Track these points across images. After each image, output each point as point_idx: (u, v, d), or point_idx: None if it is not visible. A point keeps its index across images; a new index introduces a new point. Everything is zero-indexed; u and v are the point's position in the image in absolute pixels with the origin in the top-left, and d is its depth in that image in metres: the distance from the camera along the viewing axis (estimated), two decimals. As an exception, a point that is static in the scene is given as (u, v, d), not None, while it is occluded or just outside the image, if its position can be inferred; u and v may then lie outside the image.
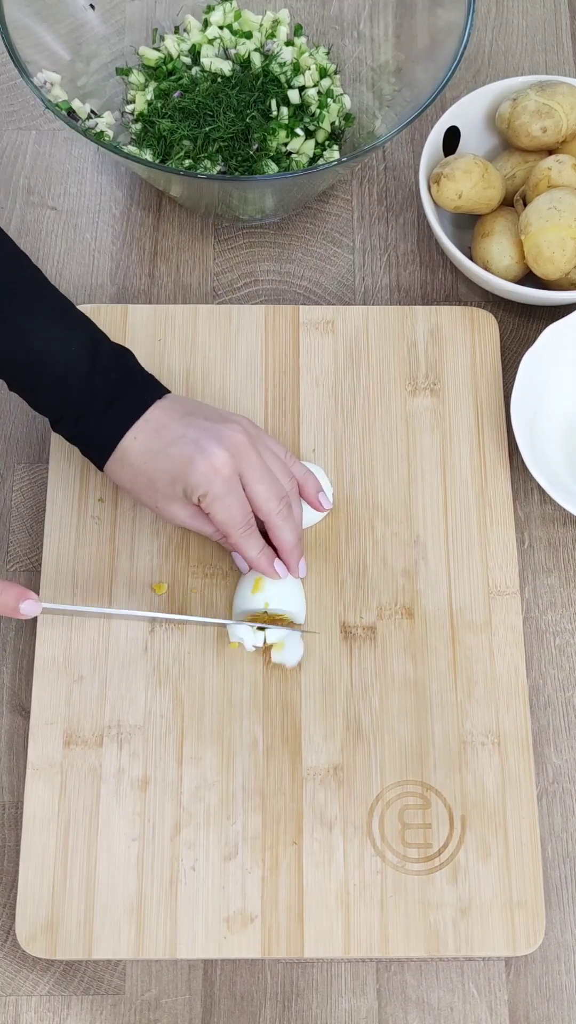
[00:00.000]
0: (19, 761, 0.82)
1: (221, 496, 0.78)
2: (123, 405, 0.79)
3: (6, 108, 1.05)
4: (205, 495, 0.77)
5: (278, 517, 0.81)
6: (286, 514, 0.81)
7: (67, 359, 0.78)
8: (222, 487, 0.77)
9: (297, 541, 0.82)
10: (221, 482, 0.77)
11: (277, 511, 0.80)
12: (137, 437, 0.79)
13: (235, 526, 0.79)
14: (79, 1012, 0.76)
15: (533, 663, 0.85)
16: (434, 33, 0.95)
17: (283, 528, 0.81)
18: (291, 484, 0.82)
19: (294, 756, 0.80)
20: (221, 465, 0.77)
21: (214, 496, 0.77)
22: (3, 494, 0.90)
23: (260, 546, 0.81)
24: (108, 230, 1.00)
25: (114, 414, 0.79)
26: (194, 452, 0.77)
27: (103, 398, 0.79)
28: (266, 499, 0.80)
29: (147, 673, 0.82)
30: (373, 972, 0.77)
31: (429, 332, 0.93)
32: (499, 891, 0.76)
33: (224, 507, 0.78)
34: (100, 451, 0.80)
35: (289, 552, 0.82)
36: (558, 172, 0.90)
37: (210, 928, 0.76)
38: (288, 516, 0.81)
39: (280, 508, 0.80)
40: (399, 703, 0.81)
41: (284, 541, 0.81)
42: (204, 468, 0.77)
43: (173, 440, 0.78)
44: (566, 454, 0.90)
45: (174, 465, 0.78)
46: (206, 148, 0.97)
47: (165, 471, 0.78)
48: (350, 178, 1.02)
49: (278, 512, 0.80)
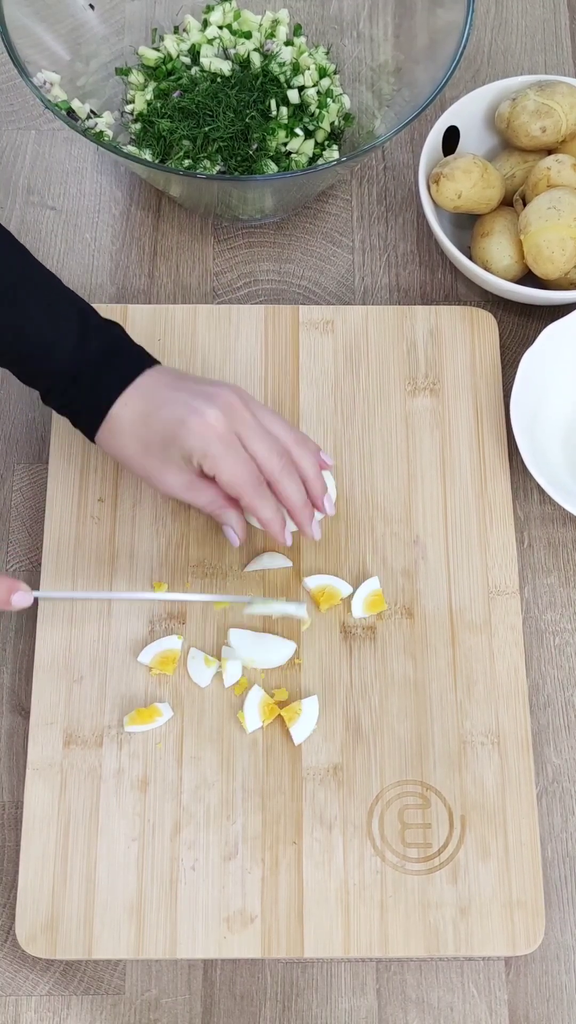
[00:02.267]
0: (19, 761, 0.82)
1: (222, 454, 0.75)
2: (113, 373, 0.78)
3: (6, 108, 1.05)
4: (205, 455, 0.75)
5: (282, 474, 0.77)
6: (290, 470, 0.78)
7: (56, 329, 0.78)
8: (220, 445, 0.75)
9: (305, 500, 0.79)
10: (218, 440, 0.75)
11: (280, 467, 0.77)
12: (128, 403, 0.77)
13: (244, 484, 0.76)
14: (79, 1012, 0.76)
15: (533, 663, 0.85)
16: (434, 33, 0.95)
17: (288, 486, 0.78)
18: (292, 436, 0.79)
19: (294, 756, 0.80)
20: (214, 422, 0.75)
21: (215, 455, 0.75)
22: (3, 494, 0.90)
23: (275, 506, 0.78)
24: (108, 230, 1.00)
25: (104, 381, 0.78)
26: (185, 412, 0.75)
27: (93, 365, 0.78)
28: (267, 456, 0.77)
29: (147, 673, 0.82)
30: (373, 972, 0.77)
31: (429, 332, 0.93)
32: (499, 891, 0.76)
33: (228, 466, 0.75)
34: (91, 420, 0.79)
35: (299, 511, 0.79)
36: (558, 172, 0.90)
37: (210, 928, 0.76)
38: (292, 473, 0.78)
39: (283, 464, 0.77)
40: (399, 703, 0.81)
41: (291, 499, 0.78)
42: (197, 427, 0.75)
43: (163, 403, 0.77)
44: (566, 454, 0.90)
45: (166, 427, 0.76)
46: (206, 148, 0.97)
47: (157, 434, 0.76)
48: (350, 178, 1.02)
49: (281, 469, 0.77)
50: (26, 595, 0.73)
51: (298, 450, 0.79)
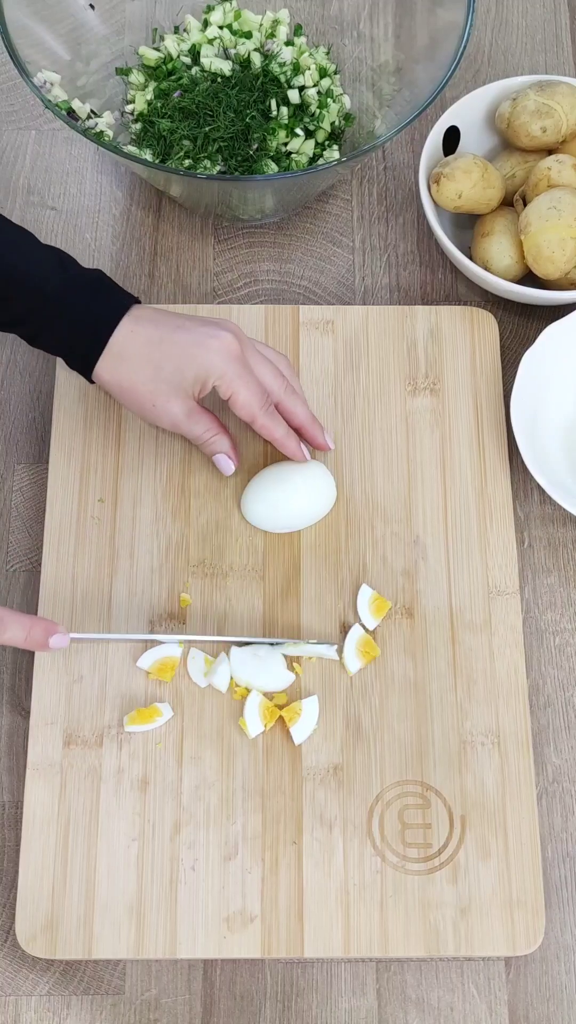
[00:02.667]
0: (19, 761, 0.82)
1: (241, 375, 0.78)
2: (104, 303, 0.79)
3: (6, 108, 1.05)
4: (223, 376, 0.77)
5: (286, 394, 0.81)
6: (292, 390, 0.82)
7: (40, 266, 0.78)
8: (238, 366, 0.78)
9: (312, 416, 0.83)
10: (235, 360, 0.78)
11: (284, 387, 0.81)
12: (134, 330, 0.78)
13: (259, 405, 0.79)
14: (79, 1012, 0.76)
15: (533, 663, 0.85)
16: (434, 33, 0.95)
17: (296, 403, 0.82)
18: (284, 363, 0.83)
19: (294, 756, 0.80)
20: (230, 344, 0.78)
21: (233, 376, 0.78)
22: (3, 494, 0.90)
23: (286, 426, 0.81)
24: (108, 230, 1.00)
25: (96, 311, 0.78)
26: (203, 335, 0.78)
27: (82, 295, 0.78)
28: (272, 379, 0.81)
29: (147, 673, 0.82)
30: (373, 972, 0.77)
31: (429, 332, 0.93)
32: (499, 891, 0.76)
33: (246, 386, 0.78)
34: (89, 349, 0.78)
35: (310, 426, 0.83)
36: (558, 172, 0.90)
37: (210, 928, 0.76)
38: (294, 392, 0.82)
39: (286, 385, 0.82)
40: (399, 703, 0.81)
41: (301, 415, 0.82)
42: (218, 347, 0.77)
43: (176, 328, 0.78)
44: (566, 454, 0.90)
45: (182, 350, 0.77)
46: (206, 148, 0.97)
47: (172, 357, 0.77)
48: (350, 178, 1.02)
49: (285, 389, 0.81)
50: (63, 637, 0.76)
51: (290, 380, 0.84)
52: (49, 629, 0.74)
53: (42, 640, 0.74)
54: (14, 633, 0.73)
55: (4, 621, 0.73)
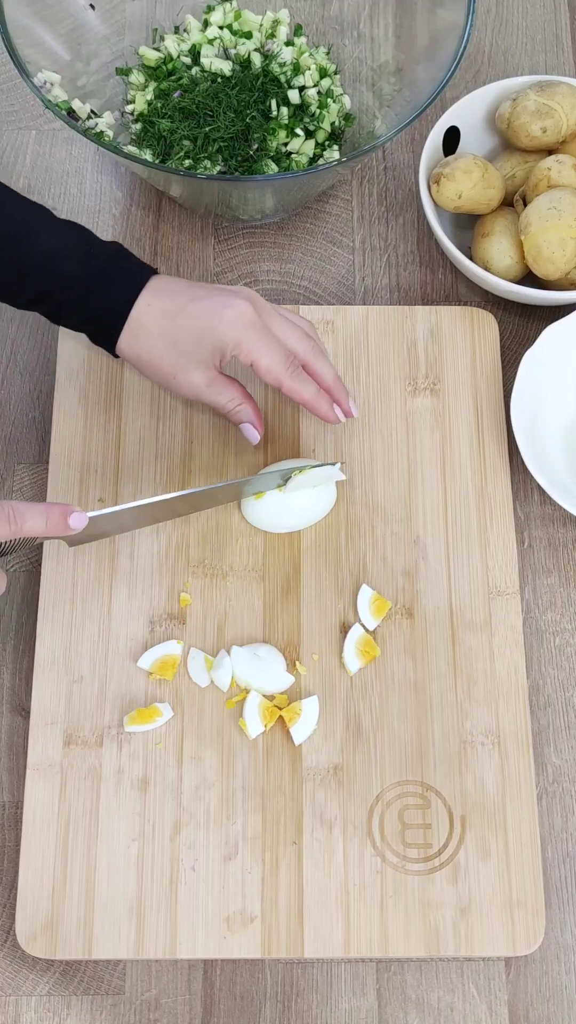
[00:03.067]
0: (19, 761, 0.82)
1: (258, 340, 0.78)
2: (125, 276, 0.79)
3: (6, 108, 1.05)
4: (240, 343, 0.77)
5: (312, 354, 0.81)
6: (318, 350, 0.81)
7: (61, 244, 0.78)
8: (256, 332, 0.78)
9: (338, 377, 0.82)
10: (252, 327, 0.77)
11: (311, 348, 0.81)
12: (151, 303, 0.79)
13: (284, 367, 0.79)
14: (79, 1012, 0.76)
15: (533, 663, 0.85)
16: (434, 33, 0.95)
17: (323, 364, 0.81)
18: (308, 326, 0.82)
19: (294, 756, 0.80)
20: (247, 312, 0.77)
21: (251, 342, 0.77)
22: (3, 494, 0.90)
23: (315, 386, 0.81)
24: (108, 230, 1.00)
25: (119, 284, 0.79)
26: (216, 305, 0.78)
27: (104, 272, 0.79)
28: (296, 340, 0.80)
29: (147, 673, 0.82)
30: (373, 972, 0.77)
31: (429, 332, 0.93)
32: (499, 891, 0.76)
33: (267, 350, 0.78)
34: (112, 325, 0.79)
35: (336, 389, 0.82)
36: (558, 172, 0.90)
37: (210, 928, 0.76)
38: (321, 353, 0.82)
39: (312, 345, 0.81)
40: (399, 703, 0.81)
41: (327, 376, 0.82)
42: (232, 317, 0.77)
43: (190, 300, 0.78)
44: (566, 454, 0.90)
45: (198, 323, 0.78)
46: (206, 148, 0.97)
47: (189, 330, 0.78)
48: (350, 178, 1.02)
49: (312, 349, 0.81)
50: (81, 516, 0.71)
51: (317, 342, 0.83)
52: (66, 511, 0.71)
53: (61, 523, 0.71)
54: (35, 522, 0.70)
55: (21, 512, 0.70)
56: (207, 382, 0.80)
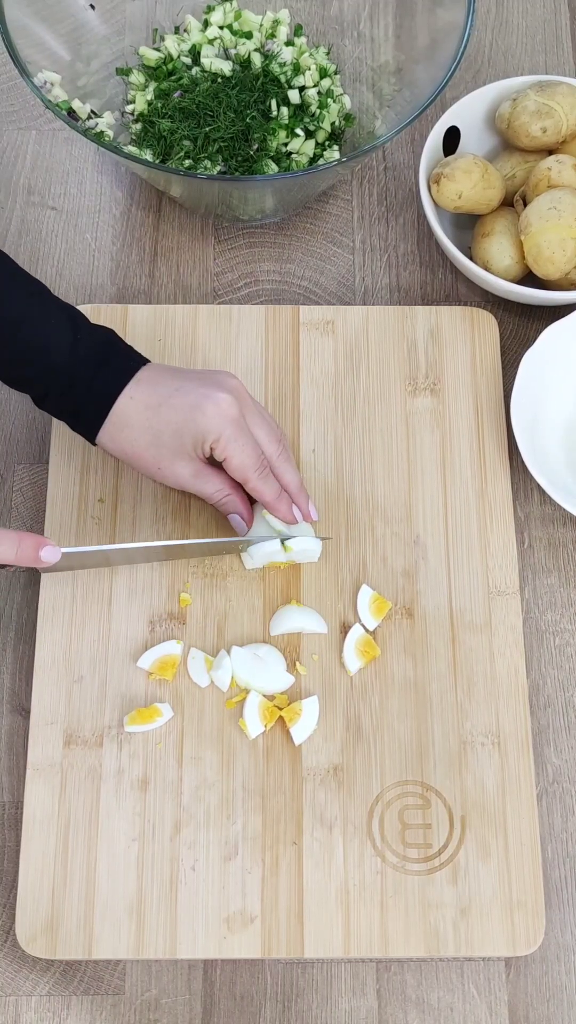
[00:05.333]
0: (19, 761, 0.82)
1: (236, 437, 0.77)
2: (111, 370, 0.79)
3: (6, 108, 1.05)
4: (219, 439, 0.77)
5: (280, 459, 0.81)
6: (287, 456, 0.82)
7: (51, 328, 0.78)
8: (234, 428, 0.77)
9: (301, 483, 0.83)
10: (232, 423, 0.77)
11: (279, 453, 0.81)
12: (134, 396, 0.78)
13: (253, 468, 0.79)
14: (79, 1012, 0.76)
15: (533, 663, 0.85)
16: (434, 33, 0.95)
17: (288, 470, 0.82)
18: (277, 428, 0.83)
19: (294, 756, 0.80)
20: (227, 406, 0.77)
21: (228, 438, 0.77)
22: (3, 494, 0.90)
23: (279, 488, 0.81)
24: (108, 230, 1.00)
25: (104, 378, 0.78)
26: (199, 398, 0.77)
27: (91, 364, 0.78)
28: (268, 442, 0.80)
29: (147, 673, 0.82)
30: (373, 972, 0.77)
31: (429, 332, 0.93)
32: (499, 891, 0.76)
33: (240, 448, 0.78)
34: (93, 419, 0.79)
35: (297, 494, 0.82)
36: (558, 172, 0.90)
37: (210, 928, 0.76)
38: (289, 458, 0.82)
39: (281, 450, 0.81)
40: (399, 703, 0.81)
41: (291, 481, 0.82)
42: (213, 411, 0.77)
43: (173, 392, 0.78)
44: (566, 454, 0.90)
45: (179, 415, 0.77)
46: (206, 148, 0.97)
47: (170, 423, 0.78)
48: (350, 178, 1.02)
49: (280, 454, 0.81)
50: (55, 550, 0.73)
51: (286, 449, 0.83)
52: (39, 543, 0.72)
53: (32, 554, 0.72)
54: (5, 549, 0.71)
55: None
56: (192, 473, 0.80)
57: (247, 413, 0.79)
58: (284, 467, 0.82)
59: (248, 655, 0.81)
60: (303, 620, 0.82)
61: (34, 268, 0.98)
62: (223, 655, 0.81)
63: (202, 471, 0.80)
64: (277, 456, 0.81)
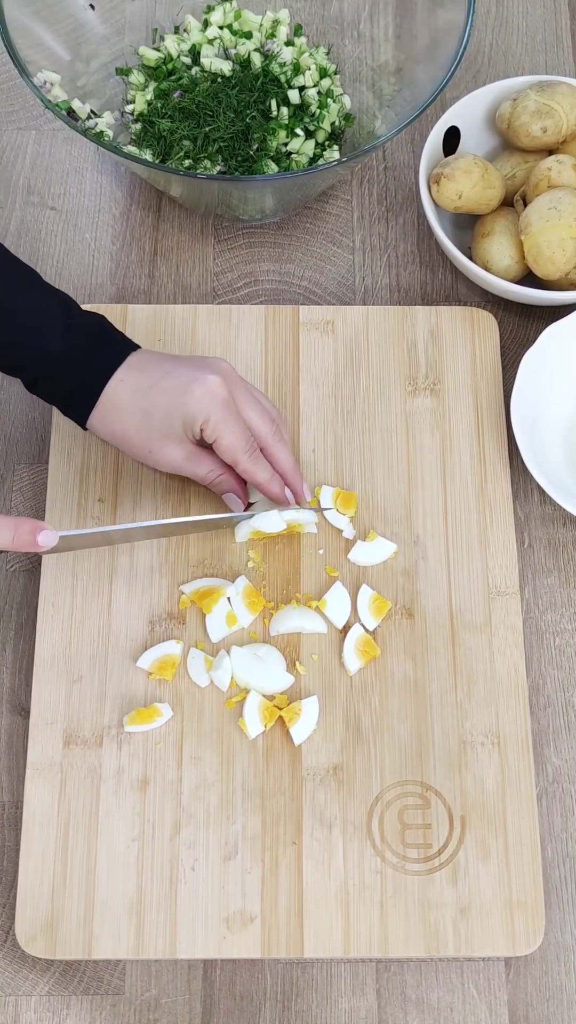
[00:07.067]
0: (19, 761, 0.82)
1: (224, 419, 0.77)
2: (103, 354, 0.79)
3: (6, 108, 1.05)
4: (208, 421, 0.77)
5: (273, 439, 0.81)
6: (280, 436, 0.82)
7: (42, 316, 0.78)
8: (223, 410, 0.77)
9: (296, 464, 0.83)
10: (221, 405, 0.77)
11: (272, 433, 0.81)
12: (124, 379, 0.78)
13: (243, 449, 0.79)
14: (79, 1012, 0.76)
15: (533, 663, 0.85)
16: (434, 33, 0.95)
17: (282, 451, 0.82)
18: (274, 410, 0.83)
19: (294, 756, 0.80)
20: (217, 389, 0.77)
21: (217, 420, 0.77)
22: (3, 494, 0.90)
23: (270, 470, 0.81)
24: (108, 230, 1.00)
25: (95, 363, 0.79)
26: (188, 380, 0.77)
27: (83, 348, 0.79)
28: (260, 423, 0.80)
29: (147, 673, 0.82)
30: (373, 972, 0.77)
31: (429, 332, 0.93)
32: (499, 891, 0.76)
33: (230, 430, 0.78)
34: (84, 402, 0.79)
35: (292, 475, 0.82)
36: (558, 172, 0.90)
37: (210, 928, 0.76)
38: (282, 439, 0.82)
39: (274, 430, 0.81)
40: (399, 703, 0.81)
41: (285, 463, 0.82)
42: (201, 393, 0.77)
43: (163, 375, 0.78)
44: (566, 454, 0.90)
45: (169, 398, 0.77)
46: (206, 148, 0.97)
47: (160, 405, 0.78)
48: (350, 178, 1.02)
49: (273, 434, 0.81)
50: (52, 534, 0.72)
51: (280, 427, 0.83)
52: (36, 527, 0.72)
53: (30, 539, 0.72)
54: (2, 534, 0.71)
55: None
56: (184, 456, 0.80)
57: (237, 395, 0.79)
58: (278, 448, 0.82)
59: (248, 655, 0.81)
60: (303, 620, 0.82)
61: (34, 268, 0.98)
62: (223, 655, 0.81)
63: (194, 453, 0.80)
64: (271, 437, 0.81)
